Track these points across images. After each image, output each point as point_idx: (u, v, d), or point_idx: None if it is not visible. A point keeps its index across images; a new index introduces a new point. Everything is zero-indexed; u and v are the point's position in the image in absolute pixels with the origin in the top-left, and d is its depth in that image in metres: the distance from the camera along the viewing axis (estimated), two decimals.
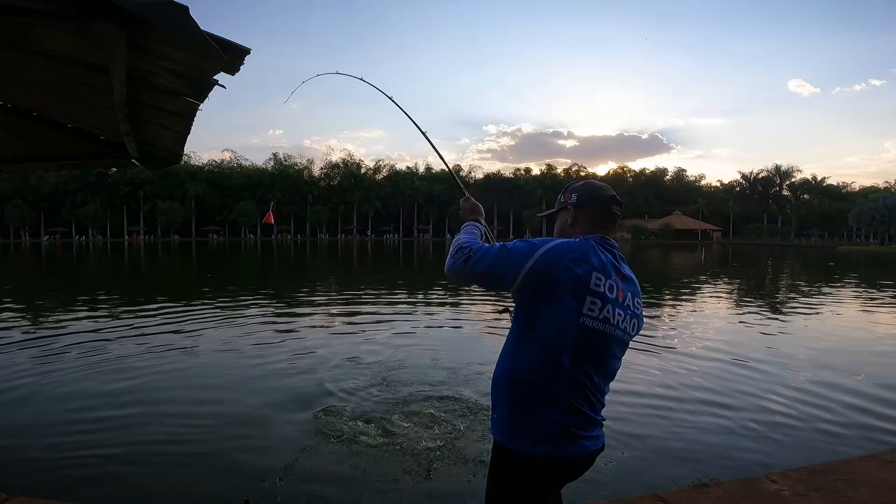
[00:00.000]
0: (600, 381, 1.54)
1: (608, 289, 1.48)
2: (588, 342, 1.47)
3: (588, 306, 1.45)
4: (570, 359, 1.46)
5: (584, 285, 1.45)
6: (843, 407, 4.90)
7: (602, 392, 1.56)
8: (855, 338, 8.45)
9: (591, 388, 1.51)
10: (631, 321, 1.54)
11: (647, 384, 5.52)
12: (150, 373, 5.83)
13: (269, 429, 4.23)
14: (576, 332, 1.45)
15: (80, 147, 3.10)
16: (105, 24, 1.29)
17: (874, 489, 2.77)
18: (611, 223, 1.62)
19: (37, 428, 4.25)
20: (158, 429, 4.23)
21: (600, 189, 1.64)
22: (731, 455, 3.84)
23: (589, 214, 1.60)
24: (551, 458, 1.49)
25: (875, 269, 27.68)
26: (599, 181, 1.70)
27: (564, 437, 1.49)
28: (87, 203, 70.46)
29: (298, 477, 3.44)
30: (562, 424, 1.48)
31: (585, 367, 1.48)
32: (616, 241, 1.63)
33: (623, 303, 1.51)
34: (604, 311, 1.46)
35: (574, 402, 1.48)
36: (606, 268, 1.50)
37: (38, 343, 7.39)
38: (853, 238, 79.35)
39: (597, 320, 1.46)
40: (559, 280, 1.44)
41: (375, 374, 5.69)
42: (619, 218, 1.65)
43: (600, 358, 1.51)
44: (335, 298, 13.37)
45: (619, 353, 1.57)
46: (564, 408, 1.48)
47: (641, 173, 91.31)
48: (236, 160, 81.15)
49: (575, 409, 1.49)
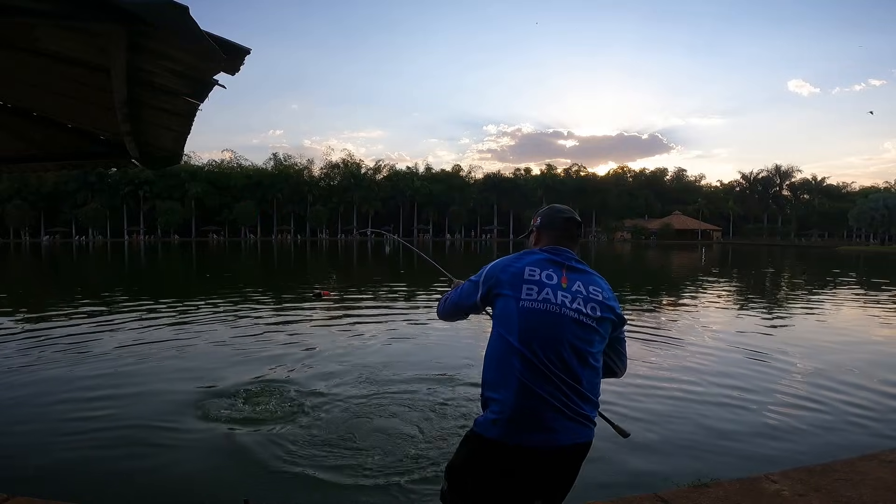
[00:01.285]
0: (567, 366, 1.62)
1: (545, 277, 1.72)
2: (530, 320, 1.65)
3: (526, 292, 1.69)
4: (517, 338, 1.65)
5: (519, 277, 1.72)
6: (843, 406, 4.89)
7: (575, 379, 1.62)
8: (855, 337, 8.45)
9: (554, 373, 1.60)
10: (587, 304, 1.69)
11: (646, 384, 5.51)
12: (153, 369, 5.84)
13: (268, 429, 4.23)
14: (517, 313, 1.67)
15: (80, 147, 3.10)
16: (105, 24, 1.29)
17: (874, 489, 2.77)
18: (566, 240, 1.86)
19: (35, 428, 4.25)
20: (159, 428, 4.23)
21: (559, 212, 1.93)
22: (731, 455, 3.84)
23: (549, 234, 1.89)
24: (503, 443, 1.60)
25: (876, 269, 27.67)
26: (563, 206, 1.97)
27: (521, 422, 1.58)
28: (87, 203, 70.40)
29: (298, 477, 3.44)
30: (516, 407, 1.59)
31: (536, 346, 1.62)
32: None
33: (568, 287, 1.71)
34: (542, 293, 1.68)
35: (530, 385, 1.59)
36: (542, 262, 1.76)
37: (37, 342, 7.40)
38: (853, 238, 79.39)
39: (536, 301, 1.67)
40: (501, 280, 1.75)
41: (377, 371, 5.70)
42: (577, 235, 1.90)
43: (554, 337, 1.63)
44: (336, 299, 13.38)
45: (582, 333, 1.66)
46: (518, 389, 1.60)
47: (641, 173, 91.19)
48: (236, 160, 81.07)
49: (531, 392, 1.59)
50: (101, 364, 6.23)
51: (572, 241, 1.88)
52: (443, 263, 1.68)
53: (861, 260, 36.70)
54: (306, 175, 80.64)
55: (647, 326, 9.08)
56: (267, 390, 5.17)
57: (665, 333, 8.52)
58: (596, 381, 1.70)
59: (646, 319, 9.95)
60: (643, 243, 68.27)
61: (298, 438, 4.02)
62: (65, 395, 5.06)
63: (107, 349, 7.01)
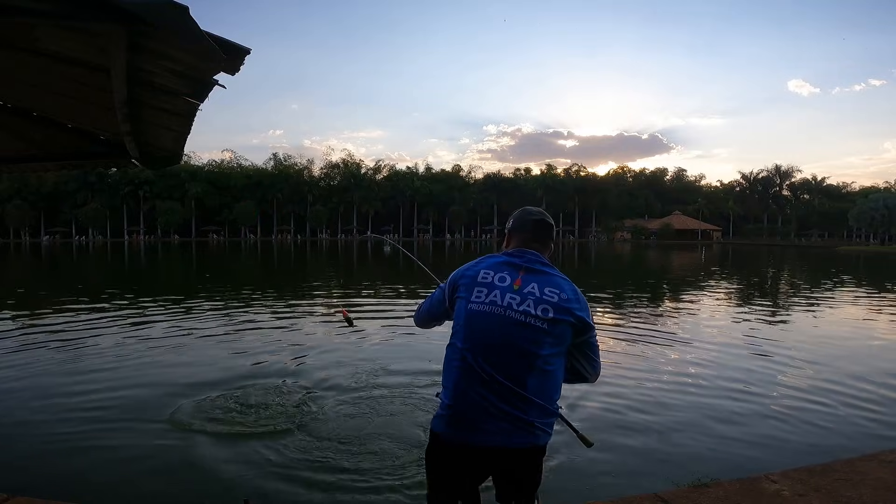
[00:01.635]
0: (508, 370, 1.63)
1: (497, 279, 1.73)
2: (474, 323, 1.69)
3: (475, 295, 1.72)
4: (461, 339, 1.70)
5: (473, 280, 1.75)
6: (843, 406, 4.89)
7: (518, 383, 1.62)
8: (855, 337, 8.45)
9: (492, 375, 1.62)
10: (537, 305, 1.66)
11: (646, 385, 5.52)
12: (153, 369, 5.84)
13: (269, 428, 4.23)
14: (465, 317, 1.72)
15: (80, 147, 3.09)
16: (105, 24, 1.29)
17: (874, 489, 2.77)
18: (534, 242, 1.85)
19: (35, 427, 4.25)
20: (159, 428, 4.23)
21: (529, 214, 1.91)
22: (731, 455, 3.84)
23: (518, 236, 1.88)
24: (446, 440, 1.69)
25: (876, 269, 27.66)
26: (536, 208, 1.95)
27: (458, 421, 1.66)
28: (87, 203, 70.40)
29: (298, 477, 3.44)
30: (455, 407, 1.67)
31: (478, 348, 1.66)
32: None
33: (520, 289, 1.69)
34: (490, 295, 1.70)
35: (465, 387, 1.65)
36: (498, 265, 1.77)
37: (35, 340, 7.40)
38: (853, 238, 79.39)
39: (483, 304, 1.69)
40: (459, 284, 1.79)
41: (377, 370, 5.70)
42: (547, 237, 1.88)
43: (496, 340, 1.65)
44: (337, 298, 13.38)
45: (529, 335, 1.64)
46: (456, 389, 1.67)
47: (641, 173, 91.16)
48: (236, 160, 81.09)
49: (465, 394, 1.65)
50: (101, 364, 6.23)
51: (541, 244, 1.85)
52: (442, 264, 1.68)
53: (861, 260, 36.70)
54: (306, 175, 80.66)
55: (647, 326, 9.09)
56: (267, 390, 5.17)
57: (665, 333, 8.52)
58: (548, 385, 1.67)
59: (646, 318, 9.95)
60: (643, 243, 68.25)
61: (299, 438, 4.02)
62: (65, 396, 5.05)
63: (106, 349, 7.01)
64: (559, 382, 1.71)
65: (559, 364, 1.70)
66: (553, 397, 1.69)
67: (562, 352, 1.69)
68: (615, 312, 10.99)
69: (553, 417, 1.70)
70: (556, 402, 1.71)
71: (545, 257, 1.83)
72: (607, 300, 12.96)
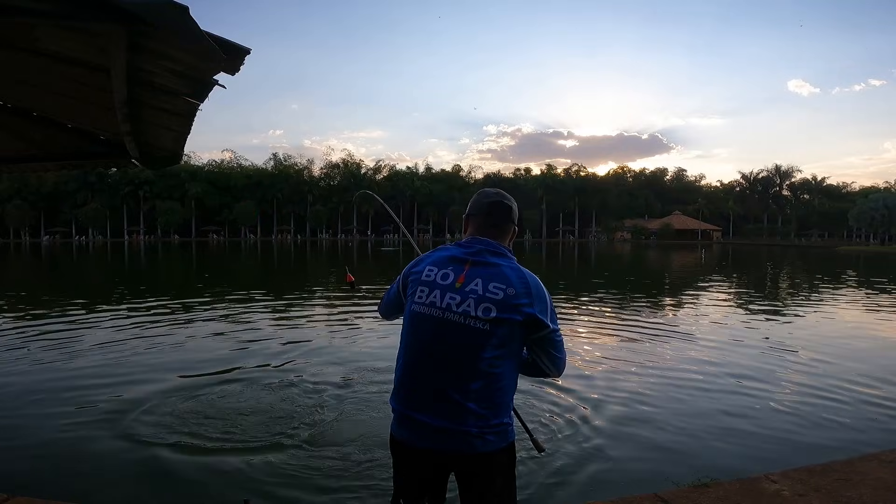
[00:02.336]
0: (446, 374, 1.54)
1: (440, 277, 1.59)
2: (414, 325, 1.60)
3: (418, 295, 1.61)
4: (404, 345, 1.64)
5: (418, 277, 1.64)
6: (843, 406, 4.89)
7: (457, 387, 1.52)
8: (856, 337, 8.44)
9: (430, 378, 1.56)
10: (478, 305, 1.52)
11: (645, 385, 5.52)
12: (152, 368, 5.84)
13: (267, 427, 4.23)
14: (408, 317, 1.64)
15: (80, 147, 3.09)
16: (105, 24, 1.29)
17: (874, 489, 2.77)
18: (490, 228, 1.68)
19: (35, 427, 4.25)
20: (159, 428, 4.23)
21: (484, 197, 1.73)
22: (731, 455, 3.84)
23: (474, 221, 1.71)
24: (394, 436, 1.65)
25: (876, 269, 27.66)
26: (494, 189, 1.75)
27: (402, 419, 1.62)
28: (87, 203, 70.42)
29: (299, 477, 3.44)
30: (399, 410, 1.63)
31: (416, 350, 1.59)
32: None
33: (462, 286, 1.56)
34: (430, 296, 1.58)
35: (410, 392, 1.60)
36: (443, 260, 1.63)
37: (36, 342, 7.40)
38: (853, 238, 79.37)
39: (423, 305, 1.59)
40: (406, 281, 1.69)
41: (376, 369, 5.70)
42: (503, 220, 1.69)
43: (434, 343, 1.55)
44: (338, 296, 13.39)
45: (469, 338, 1.52)
46: (399, 391, 1.64)
47: (641, 173, 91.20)
48: (236, 160, 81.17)
49: (405, 397, 1.61)
50: (100, 363, 6.22)
51: (498, 229, 1.68)
52: None
53: (861, 260, 36.69)
54: (306, 175, 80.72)
55: (647, 325, 9.08)
56: (267, 390, 5.17)
57: (665, 332, 8.52)
58: (495, 388, 1.54)
59: (646, 318, 9.94)
60: (643, 243, 68.24)
61: (299, 438, 4.01)
62: (64, 395, 5.05)
63: (105, 349, 7.00)
64: (509, 384, 1.59)
65: (508, 366, 1.56)
66: (502, 401, 1.57)
67: (511, 352, 1.56)
68: (615, 312, 10.98)
69: (500, 421, 1.56)
70: (508, 405, 1.60)
71: (504, 245, 1.66)
72: (607, 300, 12.96)
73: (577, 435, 4.04)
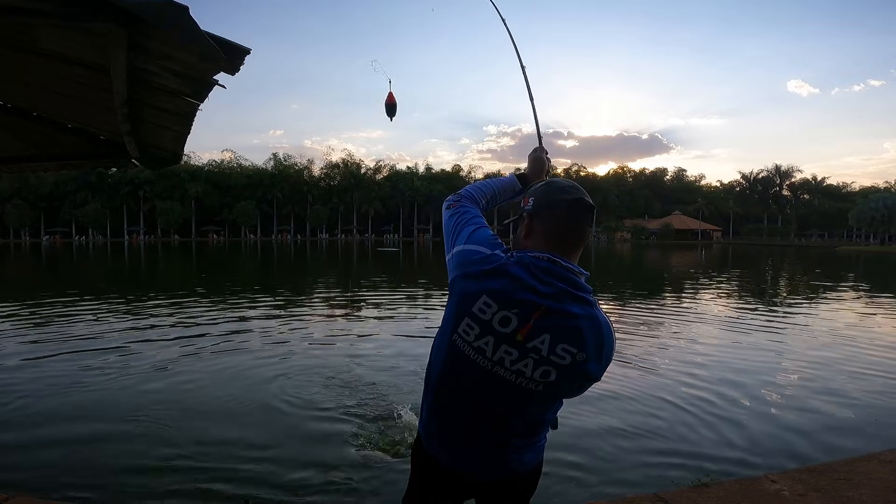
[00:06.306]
0: (492, 423, 1.33)
1: (498, 321, 1.22)
2: (454, 360, 1.30)
3: (463, 327, 1.26)
4: (437, 375, 1.35)
5: (470, 301, 1.25)
6: (843, 406, 4.89)
7: (502, 433, 1.33)
8: (856, 337, 8.43)
9: (475, 425, 1.34)
10: (537, 368, 1.23)
11: (645, 385, 5.51)
12: (151, 367, 5.84)
13: (269, 428, 4.23)
14: (447, 347, 1.31)
15: (80, 147, 3.10)
16: (105, 24, 1.29)
17: (874, 489, 2.77)
18: (572, 238, 1.28)
19: (34, 427, 4.25)
20: (158, 428, 4.23)
21: (561, 191, 1.29)
22: (731, 455, 3.84)
23: (546, 227, 1.29)
24: (423, 443, 1.44)
25: (876, 269, 27.64)
26: (568, 181, 1.34)
27: (432, 431, 1.41)
28: (87, 203, 70.40)
29: (299, 477, 3.44)
30: (427, 420, 1.41)
31: (459, 395, 1.32)
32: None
33: (524, 342, 1.22)
34: (480, 340, 1.24)
35: (442, 431, 1.38)
36: (507, 296, 1.22)
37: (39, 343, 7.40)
38: (853, 238, 79.39)
39: (468, 345, 1.26)
40: (454, 285, 1.31)
41: (376, 369, 5.70)
42: (587, 230, 1.30)
43: (478, 392, 1.29)
44: (337, 295, 13.38)
45: (515, 397, 1.27)
46: (428, 427, 1.41)
47: (641, 173, 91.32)
48: (236, 160, 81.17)
49: (440, 435, 1.39)
50: (99, 363, 6.22)
51: (581, 241, 1.29)
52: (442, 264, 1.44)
53: (861, 260, 36.68)
54: (306, 175, 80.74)
55: (646, 324, 9.08)
56: (267, 389, 5.17)
57: (664, 332, 8.52)
58: (538, 422, 1.37)
59: (646, 317, 9.94)
60: (643, 243, 68.23)
61: (299, 438, 4.02)
62: (64, 395, 5.04)
63: (104, 349, 7.00)
64: (551, 417, 1.42)
65: (553, 409, 1.38)
66: (544, 427, 1.40)
67: (558, 403, 1.37)
68: (615, 312, 10.98)
69: (540, 438, 1.41)
70: (549, 425, 1.42)
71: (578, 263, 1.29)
72: (608, 300, 12.96)
73: (577, 435, 4.04)
